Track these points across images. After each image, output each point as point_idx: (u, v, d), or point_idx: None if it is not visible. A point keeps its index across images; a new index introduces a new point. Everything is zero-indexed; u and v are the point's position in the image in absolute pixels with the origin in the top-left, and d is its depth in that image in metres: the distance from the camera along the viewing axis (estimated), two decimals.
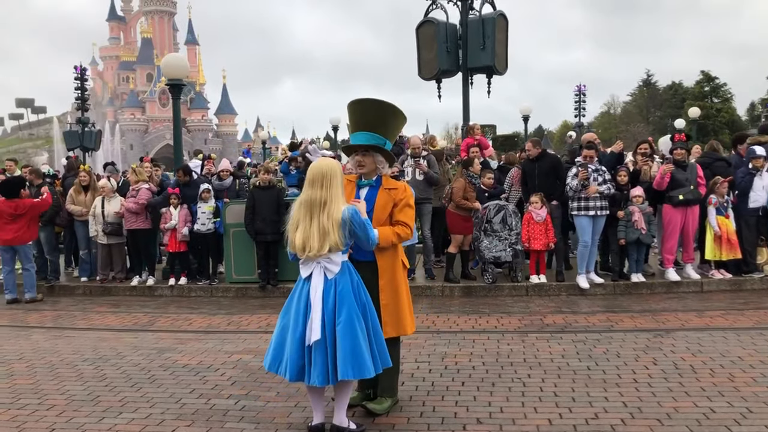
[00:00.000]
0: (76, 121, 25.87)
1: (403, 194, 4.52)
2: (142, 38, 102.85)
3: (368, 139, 4.45)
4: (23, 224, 9.50)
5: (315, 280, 4.09)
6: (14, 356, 6.55)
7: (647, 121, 70.09)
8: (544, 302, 8.52)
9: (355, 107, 4.54)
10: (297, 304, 4.15)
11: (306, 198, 4.08)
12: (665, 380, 5.19)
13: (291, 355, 4.08)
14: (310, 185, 4.07)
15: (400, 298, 4.52)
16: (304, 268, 4.17)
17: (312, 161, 11.92)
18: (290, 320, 4.15)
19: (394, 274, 4.50)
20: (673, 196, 8.83)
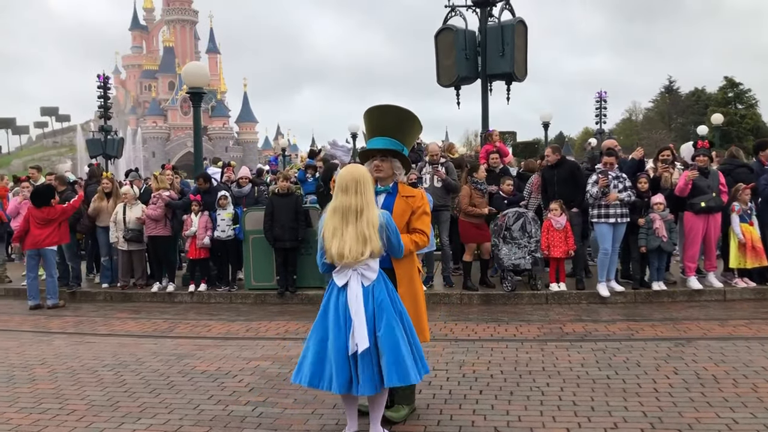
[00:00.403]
0: (99, 129, 26.23)
1: (421, 202, 4.53)
2: (164, 47, 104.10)
3: (387, 144, 4.47)
4: (53, 228, 9.68)
5: (353, 288, 4.03)
6: (36, 361, 6.63)
7: (669, 127, 69.40)
8: (563, 310, 8.44)
9: (373, 113, 4.55)
10: (335, 314, 4.06)
11: (341, 204, 4.01)
12: (686, 390, 5.11)
13: (337, 367, 3.98)
14: (344, 192, 4.01)
15: (419, 305, 4.52)
16: (340, 276, 4.09)
17: (333, 155, 12.00)
18: (329, 332, 4.05)
19: (411, 281, 4.50)
20: (695, 203, 8.72)
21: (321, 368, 4.07)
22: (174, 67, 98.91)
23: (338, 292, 4.10)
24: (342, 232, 3.97)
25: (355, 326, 3.95)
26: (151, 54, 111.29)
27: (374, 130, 4.54)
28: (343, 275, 4.07)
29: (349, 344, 3.97)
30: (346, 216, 3.98)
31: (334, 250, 3.97)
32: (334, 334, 4.02)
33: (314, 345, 4.12)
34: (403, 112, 4.54)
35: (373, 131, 4.55)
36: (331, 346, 4.02)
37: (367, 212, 3.97)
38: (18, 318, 9.16)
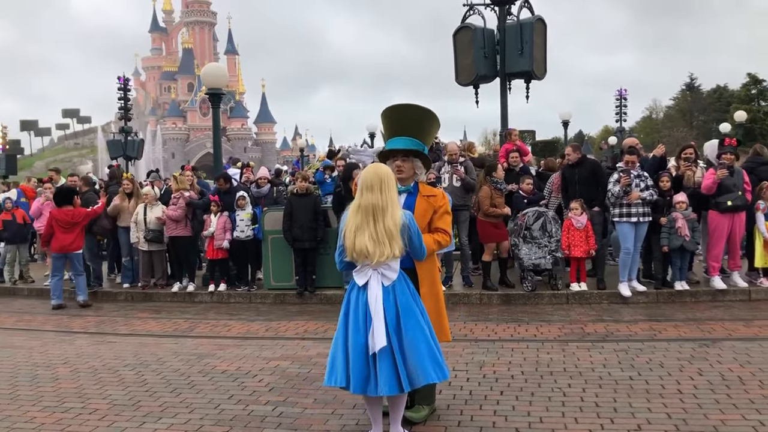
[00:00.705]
0: (119, 131, 26.47)
1: (442, 201, 4.52)
2: (183, 49, 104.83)
3: (407, 144, 4.47)
4: (77, 232, 9.79)
5: (373, 288, 4.00)
6: (59, 361, 6.70)
7: (691, 125, 68.61)
8: (584, 310, 8.36)
9: (391, 113, 4.55)
10: (355, 313, 4.04)
11: (365, 203, 3.97)
12: (711, 392, 5.03)
13: (354, 366, 3.97)
14: (369, 189, 3.98)
15: (440, 306, 4.53)
16: (360, 276, 4.06)
17: (359, 161, 11.98)
18: (349, 331, 4.04)
19: (433, 281, 4.50)
20: (721, 202, 8.59)
21: (339, 366, 4.06)
22: (193, 68, 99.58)
23: (358, 292, 4.08)
24: (365, 231, 3.94)
25: (374, 326, 3.93)
26: (171, 56, 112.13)
27: (393, 129, 4.54)
28: (364, 274, 4.04)
29: (369, 343, 3.94)
30: (370, 214, 3.95)
31: (357, 248, 3.94)
32: (353, 333, 4.00)
33: (343, 345, 4.08)
34: (421, 111, 4.54)
35: (392, 131, 4.55)
36: (351, 345, 4.00)
37: (391, 211, 3.95)
38: (41, 318, 9.26)
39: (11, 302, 10.72)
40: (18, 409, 5.20)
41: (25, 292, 11.30)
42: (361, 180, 4.07)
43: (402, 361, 3.96)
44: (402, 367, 3.96)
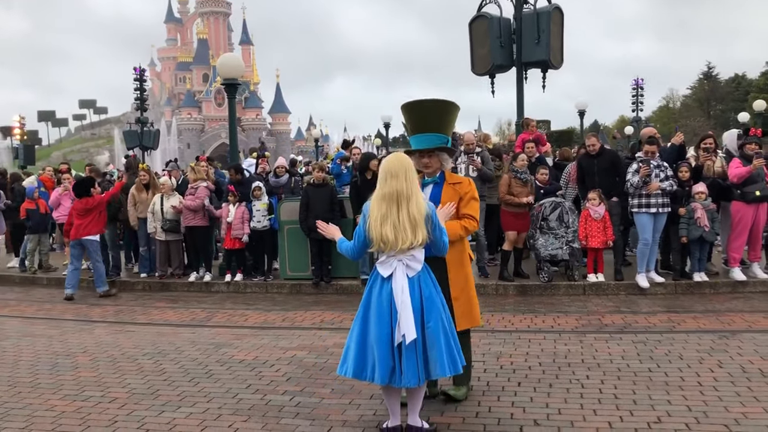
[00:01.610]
0: (136, 121, 26.56)
1: (468, 188, 4.61)
2: (198, 39, 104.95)
3: (433, 141, 4.54)
4: (92, 217, 9.87)
5: (399, 279, 3.97)
6: (78, 349, 6.76)
7: (708, 115, 67.87)
8: (602, 302, 8.31)
9: (414, 109, 4.61)
10: (378, 305, 4.00)
11: (389, 190, 3.93)
12: (732, 384, 4.99)
13: (380, 358, 3.94)
14: (393, 177, 3.94)
15: (470, 291, 4.64)
16: (385, 267, 4.02)
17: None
18: (370, 323, 4.02)
19: (462, 267, 4.61)
20: (749, 192, 8.47)
21: (364, 360, 4.04)
22: (208, 59, 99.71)
23: (382, 283, 4.04)
24: (390, 219, 3.91)
25: (403, 318, 3.89)
26: (186, 46, 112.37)
27: (418, 125, 4.59)
28: (389, 266, 4.01)
29: (394, 335, 3.92)
30: (394, 202, 3.92)
31: (385, 238, 3.91)
32: (376, 325, 3.97)
33: (357, 336, 4.08)
34: (441, 106, 4.60)
35: (415, 127, 4.60)
36: (373, 337, 3.98)
37: (415, 198, 3.94)
38: (60, 307, 9.34)
39: (31, 291, 10.84)
40: (39, 398, 5.26)
41: (44, 281, 11.42)
42: (383, 168, 4.03)
43: (422, 353, 3.96)
44: (422, 359, 3.95)
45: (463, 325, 4.55)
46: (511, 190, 9.11)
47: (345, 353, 4.14)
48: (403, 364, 3.92)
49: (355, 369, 4.05)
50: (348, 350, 4.12)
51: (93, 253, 9.98)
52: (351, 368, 4.06)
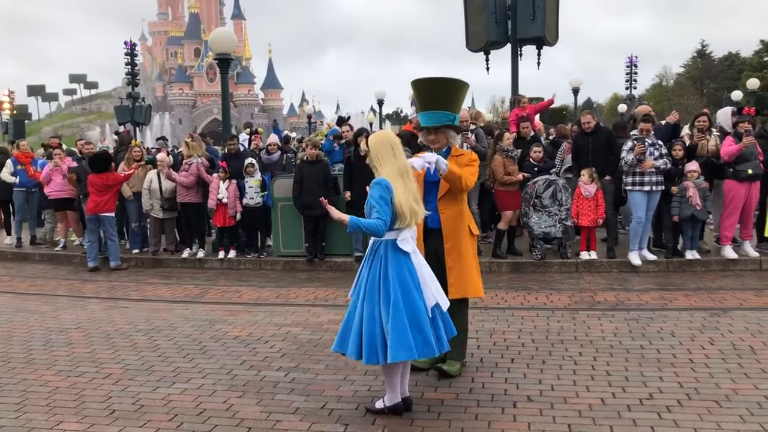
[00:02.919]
0: (127, 96, 26.35)
1: (469, 157, 4.80)
2: (190, 13, 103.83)
3: (440, 119, 4.68)
4: (111, 195, 10.00)
5: (417, 252, 4.15)
6: (72, 325, 6.75)
7: (701, 93, 67.79)
8: (594, 279, 8.36)
9: (423, 86, 4.71)
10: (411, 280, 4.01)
11: (402, 165, 4.06)
12: (723, 361, 5.04)
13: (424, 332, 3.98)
14: (398, 152, 4.06)
15: (464, 261, 4.73)
16: (407, 242, 4.05)
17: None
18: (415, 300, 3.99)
19: (459, 238, 4.72)
20: (741, 170, 8.49)
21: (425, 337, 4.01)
22: (199, 33, 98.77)
23: (402, 258, 4.04)
24: (411, 193, 4.03)
25: (434, 288, 4.10)
26: (177, 20, 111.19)
27: (427, 102, 4.70)
28: (408, 241, 4.06)
29: (429, 302, 4.05)
30: (406, 175, 4.06)
31: (413, 211, 4.02)
32: (413, 301, 3.99)
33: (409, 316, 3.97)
34: (451, 84, 4.71)
35: (426, 104, 4.71)
36: (413, 314, 3.97)
37: (411, 171, 4.12)
38: (53, 282, 9.32)
39: (23, 267, 10.80)
40: (33, 373, 5.26)
41: (36, 257, 11.38)
42: (390, 142, 4.10)
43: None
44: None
45: (453, 294, 4.65)
46: (506, 170, 9.10)
47: (401, 338, 3.91)
48: (438, 332, 4.08)
49: (425, 349, 3.99)
50: (404, 333, 3.92)
51: (110, 228, 10.10)
52: (417, 350, 3.95)
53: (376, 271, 4.03)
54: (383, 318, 3.96)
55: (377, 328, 3.97)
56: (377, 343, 3.96)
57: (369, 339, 3.97)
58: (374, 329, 3.97)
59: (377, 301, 3.99)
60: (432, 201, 4.75)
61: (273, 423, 4.17)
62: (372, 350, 3.96)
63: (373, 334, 3.96)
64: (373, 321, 3.98)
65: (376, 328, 3.97)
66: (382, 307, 3.97)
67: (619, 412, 4.14)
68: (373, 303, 4.00)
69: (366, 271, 4.10)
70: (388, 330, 3.92)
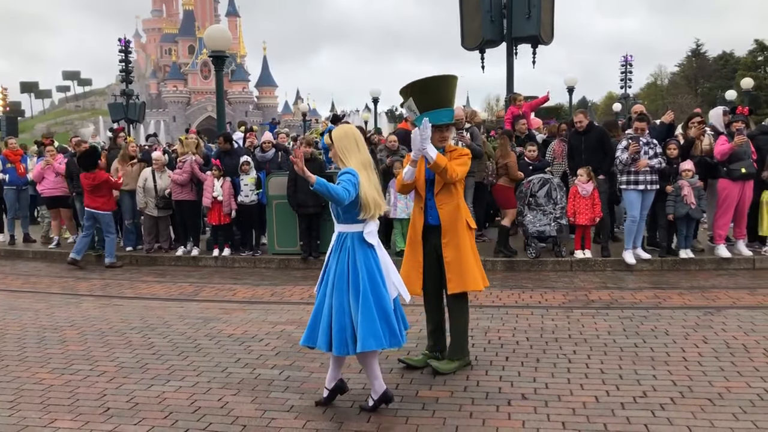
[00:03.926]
0: (121, 94, 26.26)
1: (462, 151, 4.88)
2: (184, 10, 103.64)
3: (449, 116, 4.78)
4: (106, 195, 9.98)
5: (381, 245, 4.25)
6: (66, 323, 6.73)
7: (695, 92, 68.03)
8: (588, 278, 8.38)
9: (429, 86, 4.72)
10: (377, 273, 4.10)
11: (366, 157, 4.18)
12: (716, 359, 5.06)
13: (392, 322, 4.08)
14: (362, 145, 4.21)
15: (462, 255, 4.76)
16: (373, 235, 4.16)
17: None
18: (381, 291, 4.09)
19: (456, 233, 4.77)
20: (734, 169, 8.52)
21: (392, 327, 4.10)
22: (194, 30, 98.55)
23: (369, 251, 4.14)
24: (373, 185, 4.13)
25: (398, 280, 4.22)
26: (171, 17, 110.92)
27: (433, 102, 4.70)
28: (374, 234, 4.17)
29: (391, 294, 4.14)
30: (369, 168, 4.17)
31: (377, 204, 4.11)
32: (381, 294, 4.08)
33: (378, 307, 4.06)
34: (449, 80, 4.78)
35: (432, 103, 4.70)
36: (380, 306, 4.07)
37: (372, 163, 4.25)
38: (47, 280, 9.29)
39: (16, 264, 10.77)
40: (27, 371, 5.24)
41: (29, 255, 11.34)
42: (353, 136, 4.21)
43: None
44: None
45: (452, 288, 4.77)
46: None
47: (370, 327, 3.98)
48: (398, 322, 4.15)
49: (391, 339, 4.08)
50: (372, 323, 3.98)
51: (106, 225, 10.10)
52: (384, 339, 4.03)
53: (345, 263, 4.11)
54: (352, 310, 4.05)
55: (347, 318, 4.05)
56: (347, 333, 4.04)
57: (339, 330, 4.04)
58: (344, 320, 4.05)
59: (346, 292, 4.07)
60: (430, 198, 4.82)
61: (268, 421, 4.17)
62: (342, 341, 4.04)
63: (343, 324, 4.04)
64: (343, 312, 4.05)
65: (345, 319, 4.05)
66: (351, 298, 4.06)
67: (613, 410, 4.15)
68: (342, 294, 4.08)
69: (333, 264, 4.16)
70: (358, 320, 4.00)
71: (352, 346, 4.02)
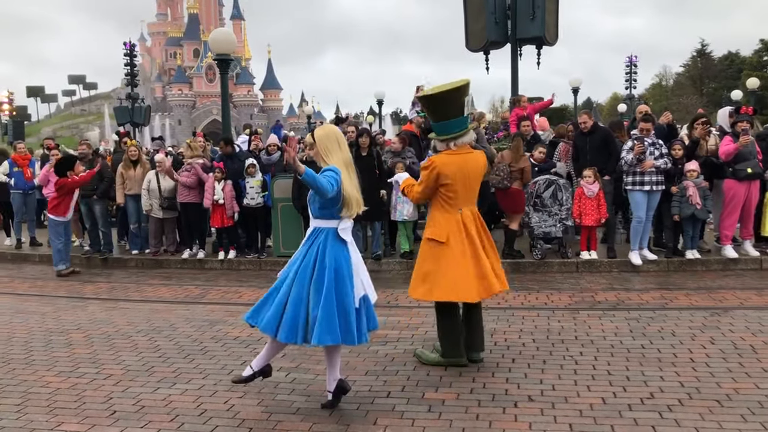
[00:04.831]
0: (126, 97, 26.34)
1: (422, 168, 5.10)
2: (189, 14, 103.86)
3: (467, 123, 4.97)
4: (60, 199, 9.72)
5: (354, 244, 4.32)
6: (72, 326, 6.75)
7: (701, 92, 67.76)
8: (594, 279, 8.35)
9: (453, 95, 4.80)
10: (346, 270, 4.17)
11: (347, 156, 4.24)
12: (724, 360, 5.04)
13: (352, 320, 4.14)
14: (343, 144, 4.25)
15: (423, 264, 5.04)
16: (347, 232, 4.24)
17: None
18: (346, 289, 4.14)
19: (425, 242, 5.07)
20: (740, 169, 8.48)
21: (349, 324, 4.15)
22: (198, 34, 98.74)
23: (341, 248, 4.21)
24: (354, 184, 4.19)
25: (367, 280, 4.28)
26: (176, 21, 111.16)
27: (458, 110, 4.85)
28: (348, 230, 4.23)
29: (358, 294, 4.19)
30: (350, 167, 4.23)
31: (358, 202, 4.19)
32: (346, 291, 4.14)
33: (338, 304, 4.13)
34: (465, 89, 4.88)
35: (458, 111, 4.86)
36: (342, 302, 4.13)
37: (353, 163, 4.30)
38: (53, 284, 9.32)
39: (22, 268, 10.80)
40: (33, 374, 5.25)
41: (36, 258, 11.37)
42: (334, 135, 4.27)
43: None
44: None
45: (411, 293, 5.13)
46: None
47: (328, 323, 4.05)
48: (360, 324, 4.20)
49: (346, 336, 4.14)
50: (332, 319, 4.06)
51: (50, 232, 9.86)
52: (340, 335, 4.10)
53: (313, 255, 4.17)
54: (312, 302, 4.09)
55: (302, 309, 4.09)
56: (299, 323, 4.08)
57: (292, 319, 4.09)
58: (299, 310, 4.09)
59: (308, 283, 4.13)
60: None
61: (274, 423, 4.17)
62: (292, 330, 4.09)
63: (297, 314, 4.09)
64: (300, 302, 4.10)
65: (301, 310, 4.09)
66: (313, 291, 4.10)
67: (620, 412, 4.13)
68: (303, 285, 4.13)
69: (301, 255, 4.24)
70: (318, 315, 4.05)
71: (302, 336, 4.09)
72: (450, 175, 4.85)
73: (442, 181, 4.87)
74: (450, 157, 4.89)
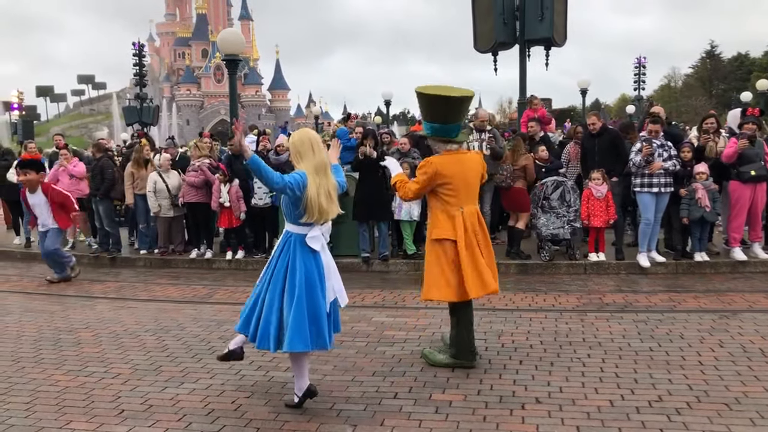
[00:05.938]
0: (135, 97, 26.45)
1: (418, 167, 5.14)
2: (197, 14, 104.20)
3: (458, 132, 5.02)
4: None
5: (326, 250, 4.32)
6: (81, 325, 6.78)
7: (710, 94, 67.48)
8: (602, 281, 8.33)
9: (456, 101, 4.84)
10: (314, 277, 4.18)
11: (320, 161, 4.18)
12: (733, 363, 5.01)
13: (324, 326, 4.18)
14: (318, 147, 4.20)
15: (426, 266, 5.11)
16: (316, 240, 4.20)
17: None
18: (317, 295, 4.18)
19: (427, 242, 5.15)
20: (744, 171, 8.44)
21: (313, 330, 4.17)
22: (207, 34, 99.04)
23: (310, 256, 4.19)
24: (324, 191, 4.13)
25: (339, 286, 4.33)
26: (185, 21, 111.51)
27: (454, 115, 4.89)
28: (317, 239, 4.20)
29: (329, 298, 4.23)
30: (323, 172, 4.17)
31: (323, 210, 4.13)
32: (316, 297, 4.16)
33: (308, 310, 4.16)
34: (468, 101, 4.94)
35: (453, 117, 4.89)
36: (311, 308, 4.14)
37: (329, 168, 4.21)
38: (62, 282, 9.34)
39: (32, 267, 10.85)
40: (42, 373, 5.28)
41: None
42: (308, 139, 4.23)
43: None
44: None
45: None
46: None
47: (299, 330, 4.08)
48: (330, 328, 4.24)
49: (318, 341, 4.18)
50: (302, 325, 4.09)
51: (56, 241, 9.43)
52: (311, 342, 4.14)
53: (284, 263, 4.19)
54: (285, 309, 4.12)
55: (274, 316, 4.14)
56: (270, 330, 4.14)
57: (264, 325, 4.17)
58: (270, 316, 4.15)
59: (280, 291, 4.16)
60: None
61: (281, 423, 4.18)
62: (264, 336, 4.17)
63: (269, 321, 4.15)
64: (271, 309, 4.15)
65: (272, 316, 4.14)
66: (286, 299, 4.14)
67: (628, 414, 4.12)
68: (275, 292, 4.17)
69: (274, 261, 4.26)
70: (288, 322, 4.08)
71: (274, 343, 4.13)
72: (449, 175, 4.91)
73: (441, 181, 4.92)
74: (448, 158, 4.96)
